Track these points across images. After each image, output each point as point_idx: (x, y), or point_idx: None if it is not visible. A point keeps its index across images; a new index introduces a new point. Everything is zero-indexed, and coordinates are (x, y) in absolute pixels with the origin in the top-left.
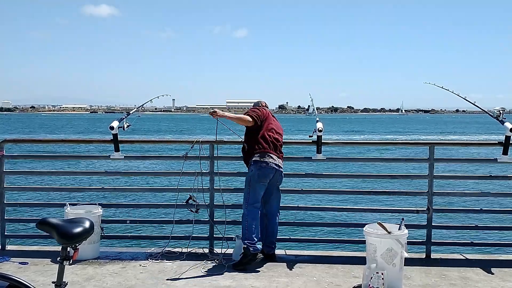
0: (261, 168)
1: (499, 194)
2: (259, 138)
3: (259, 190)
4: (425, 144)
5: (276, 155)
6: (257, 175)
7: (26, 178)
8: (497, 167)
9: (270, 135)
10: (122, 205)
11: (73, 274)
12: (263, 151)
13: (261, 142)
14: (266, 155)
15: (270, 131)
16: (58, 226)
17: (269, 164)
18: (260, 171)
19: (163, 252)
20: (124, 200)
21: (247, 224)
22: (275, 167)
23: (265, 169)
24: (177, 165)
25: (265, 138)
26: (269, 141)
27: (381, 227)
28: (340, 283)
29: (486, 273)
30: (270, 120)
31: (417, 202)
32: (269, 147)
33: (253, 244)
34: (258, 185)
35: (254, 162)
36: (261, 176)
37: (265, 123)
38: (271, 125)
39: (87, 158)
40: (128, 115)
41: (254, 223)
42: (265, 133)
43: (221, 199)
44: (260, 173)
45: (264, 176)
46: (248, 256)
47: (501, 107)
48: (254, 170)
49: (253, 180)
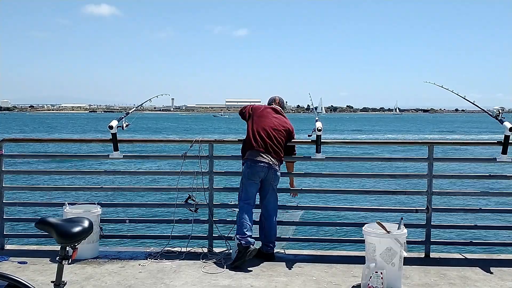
0: (250, 166)
1: (498, 194)
2: (249, 135)
3: (249, 187)
4: (425, 144)
5: (267, 153)
6: (246, 173)
7: (25, 178)
8: (497, 166)
9: (262, 133)
10: (121, 205)
11: (72, 274)
12: (253, 149)
13: (251, 140)
14: (255, 153)
15: (263, 129)
16: (57, 225)
17: (258, 163)
18: (250, 169)
19: (162, 251)
20: (123, 199)
21: (238, 219)
22: (266, 165)
23: (254, 167)
24: (176, 165)
25: (255, 136)
26: (258, 139)
27: (380, 227)
28: (339, 282)
29: (485, 273)
30: (266, 117)
31: (416, 201)
32: (259, 145)
33: (244, 237)
34: (248, 182)
35: (245, 160)
36: (250, 174)
37: (257, 120)
38: (265, 123)
39: (86, 158)
40: (127, 115)
41: (245, 218)
42: (255, 131)
43: (220, 198)
44: (249, 171)
45: (253, 174)
46: (241, 251)
47: (500, 107)
48: (244, 168)
49: (244, 178)
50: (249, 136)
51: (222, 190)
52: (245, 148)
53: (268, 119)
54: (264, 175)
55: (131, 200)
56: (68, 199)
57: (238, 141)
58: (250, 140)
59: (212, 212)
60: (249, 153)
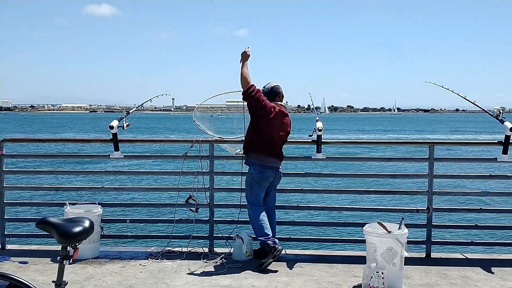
0: (260, 171)
1: (499, 194)
2: (261, 139)
3: (260, 192)
4: (425, 144)
5: (277, 158)
6: (257, 178)
7: (26, 178)
8: (497, 166)
9: (275, 139)
10: (122, 205)
11: (73, 274)
12: (264, 154)
13: (262, 145)
14: (266, 159)
15: (277, 136)
16: (58, 225)
17: (268, 168)
18: (260, 174)
19: (163, 251)
20: (124, 199)
21: (256, 222)
22: (275, 170)
23: (264, 172)
24: (177, 165)
25: (268, 141)
26: (272, 145)
27: (381, 227)
28: (340, 282)
29: (486, 273)
30: (278, 122)
31: (417, 201)
32: (271, 152)
33: (269, 238)
34: (259, 187)
35: (253, 163)
36: (260, 179)
37: (270, 124)
38: (278, 129)
39: (87, 158)
40: (128, 114)
41: (262, 220)
42: (269, 137)
43: (221, 198)
44: (259, 177)
45: (263, 179)
46: (270, 251)
47: (500, 107)
48: (254, 173)
49: (253, 182)
50: (261, 139)
51: (222, 190)
52: (252, 150)
53: (279, 124)
54: (273, 178)
55: (132, 200)
56: (69, 199)
57: (241, 141)
58: (261, 144)
59: (213, 212)
60: (259, 157)
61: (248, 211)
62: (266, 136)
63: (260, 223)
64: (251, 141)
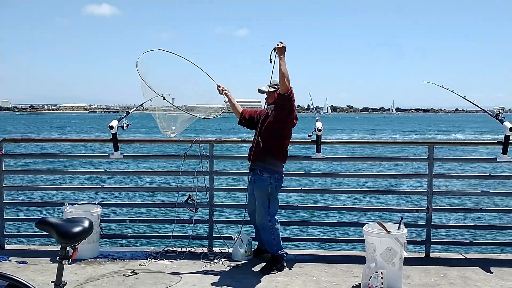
0: (279, 179)
1: (499, 194)
2: (286, 143)
3: (277, 202)
4: (425, 144)
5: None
6: (276, 187)
7: (26, 178)
8: (497, 166)
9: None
10: (121, 205)
11: (73, 274)
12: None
13: (285, 151)
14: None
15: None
16: (57, 225)
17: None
18: (279, 182)
19: (163, 251)
20: (124, 199)
21: (274, 236)
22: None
23: (282, 180)
24: (176, 165)
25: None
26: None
27: (381, 227)
28: (339, 282)
29: (485, 273)
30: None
31: (416, 201)
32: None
33: (284, 250)
34: (277, 195)
35: (272, 171)
36: (279, 187)
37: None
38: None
39: (86, 158)
40: (128, 114)
41: (279, 232)
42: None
43: (220, 198)
44: (278, 185)
45: (280, 187)
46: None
47: (500, 106)
48: (274, 182)
49: (274, 192)
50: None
51: (222, 190)
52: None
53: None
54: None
55: (131, 200)
56: (68, 199)
57: (241, 141)
58: (287, 153)
59: (212, 212)
60: (281, 166)
61: (266, 223)
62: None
63: (278, 236)
64: (280, 149)
